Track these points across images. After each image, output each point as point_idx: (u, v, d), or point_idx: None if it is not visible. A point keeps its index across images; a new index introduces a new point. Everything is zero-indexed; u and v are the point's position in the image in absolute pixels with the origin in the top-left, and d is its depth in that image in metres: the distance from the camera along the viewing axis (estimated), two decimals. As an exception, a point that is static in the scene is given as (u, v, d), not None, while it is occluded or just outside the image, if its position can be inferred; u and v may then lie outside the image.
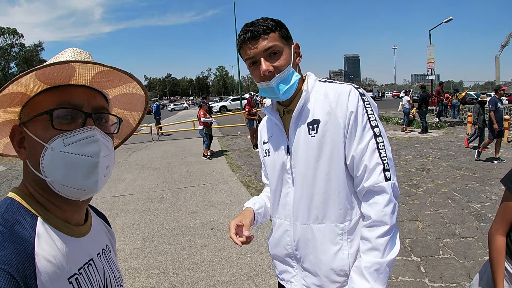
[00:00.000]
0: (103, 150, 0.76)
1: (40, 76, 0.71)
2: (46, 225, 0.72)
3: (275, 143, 1.42)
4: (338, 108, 1.24)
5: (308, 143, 1.27)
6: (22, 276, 0.61)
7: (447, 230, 4.50)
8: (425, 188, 6.43)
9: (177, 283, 3.55)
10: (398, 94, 61.11)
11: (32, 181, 0.76)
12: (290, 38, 1.30)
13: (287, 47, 1.26)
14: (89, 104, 0.78)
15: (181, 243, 4.54)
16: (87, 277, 0.77)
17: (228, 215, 5.44)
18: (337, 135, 1.23)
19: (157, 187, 7.47)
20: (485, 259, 3.72)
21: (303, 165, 1.29)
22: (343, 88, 1.28)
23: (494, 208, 5.18)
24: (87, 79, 0.78)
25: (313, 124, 1.27)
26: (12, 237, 0.64)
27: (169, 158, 10.45)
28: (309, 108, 1.29)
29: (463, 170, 7.61)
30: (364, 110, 1.23)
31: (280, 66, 1.23)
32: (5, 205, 0.71)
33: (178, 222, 5.33)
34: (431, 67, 22.97)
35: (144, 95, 0.93)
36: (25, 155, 0.77)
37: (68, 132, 0.72)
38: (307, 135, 1.27)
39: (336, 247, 1.26)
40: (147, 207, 6.01)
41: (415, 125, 15.87)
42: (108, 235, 1.01)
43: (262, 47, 1.21)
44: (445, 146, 10.69)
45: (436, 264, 3.69)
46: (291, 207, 1.35)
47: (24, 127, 0.75)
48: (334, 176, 1.25)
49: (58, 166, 0.71)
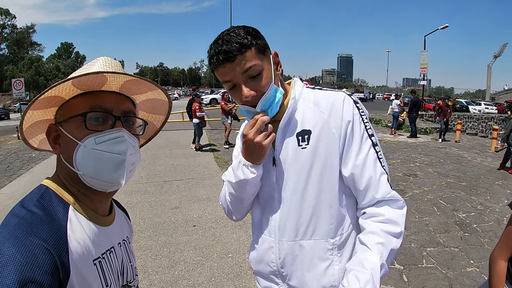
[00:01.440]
0: (129, 149, 0.86)
1: (76, 83, 0.80)
2: (76, 212, 0.82)
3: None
4: (332, 117, 1.15)
5: (298, 155, 1.17)
6: (58, 253, 0.70)
7: (431, 239, 4.48)
8: (411, 194, 6.42)
9: (156, 281, 3.45)
10: (389, 96, 61.61)
11: (64, 173, 0.86)
12: (267, 48, 1.17)
13: (266, 61, 1.13)
14: (118, 108, 0.87)
15: (162, 239, 4.43)
16: (108, 262, 0.87)
17: (212, 212, 5.36)
18: (331, 146, 1.15)
19: (142, 179, 7.33)
20: (468, 270, 3.74)
21: (292, 178, 1.19)
22: (335, 95, 1.19)
23: (479, 218, 5.19)
24: (117, 86, 0.88)
25: (303, 134, 1.17)
26: (48, 219, 0.74)
27: (155, 149, 10.32)
28: (297, 117, 1.20)
29: (450, 178, 7.64)
30: (360, 119, 1.16)
31: (262, 87, 1.11)
32: (41, 192, 0.81)
33: (161, 217, 5.22)
34: (423, 72, 23.18)
35: (168, 101, 1.04)
36: (59, 150, 0.86)
37: (99, 132, 0.82)
38: (297, 146, 1.17)
39: (326, 263, 1.18)
40: (130, 200, 5.90)
41: (404, 129, 15.96)
42: (128, 228, 1.11)
43: (240, 70, 1.08)
44: (433, 152, 10.75)
45: (419, 273, 3.65)
46: (276, 222, 1.23)
47: (60, 126, 0.85)
48: (326, 189, 1.16)
49: (89, 161, 0.81)
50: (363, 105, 1.22)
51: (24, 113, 0.83)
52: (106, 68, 0.87)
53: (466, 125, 21.23)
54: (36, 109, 0.84)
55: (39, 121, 0.90)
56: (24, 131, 0.89)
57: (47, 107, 0.86)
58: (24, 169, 8.69)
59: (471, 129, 20.59)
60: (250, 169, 1.17)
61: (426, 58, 23.00)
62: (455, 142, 13.21)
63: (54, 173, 0.90)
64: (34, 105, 0.81)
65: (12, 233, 0.68)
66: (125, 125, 0.88)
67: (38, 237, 0.69)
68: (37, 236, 0.69)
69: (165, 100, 1.04)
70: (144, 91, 0.97)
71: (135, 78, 0.88)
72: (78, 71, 0.88)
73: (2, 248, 0.65)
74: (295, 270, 1.22)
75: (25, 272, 0.63)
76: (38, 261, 0.66)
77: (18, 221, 0.71)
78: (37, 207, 0.76)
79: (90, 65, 0.90)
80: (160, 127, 1.13)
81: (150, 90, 0.98)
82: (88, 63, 0.92)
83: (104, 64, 0.88)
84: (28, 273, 0.63)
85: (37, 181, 4.60)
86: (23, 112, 0.83)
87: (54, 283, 0.67)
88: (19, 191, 6.64)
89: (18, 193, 6.47)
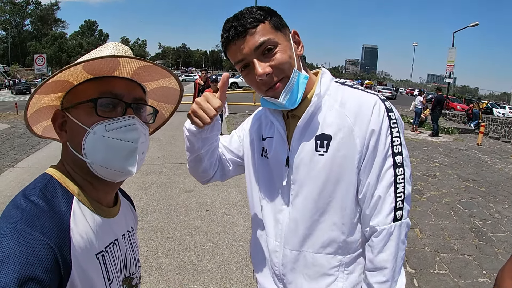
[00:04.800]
0: (141, 137, 0.83)
1: (87, 67, 0.76)
2: (80, 203, 0.79)
3: (273, 149, 1.19)
4: (357, 124, 1.02)
5: (313, 162, 1.07)
6: (59, 248, 0.68)
7: (445, 244, 4.39)
8: (429, 195, 6.29)
9: (165, 264, 3.49)
10: (412, 91, 60.37)
11: (70, 162, 0.83)
12: (285, 27, 1.06)
13: (283, 38, 1.02)
14: (130, 94, 0.84)
15: (174, 222, 4.48)
16: (111, 255, 0.84)
17: (225, 198, 5.37)
18: (351, 158, 1.03)
19: (158, 159, 7.40)
20: (480, 280, 3.65)
21: (305, 185, 1.09)
22: (366, 98, 1.05)
23: (496, 227, 5.05)
24: (129, 72, 0.84)
25: (323, 139, 1.06)
26: (51, 212, 0.72)
27: (173, 130, 10.26)
28: (319, 118, 1.07)
29: (469, 182, 7.44)
30: (389, 132, 1.02)
31: (279, 63, 1.00)
32: (45, 181, 0.78)
33: (174, 199, 5.26)
34: (450, 70, 22.52)
35: (180, 89, 1.01)
36: (66, 137, 0.83)
37: (110, 119, 0.79)
38: (314, 151, 1.06)
39: (330, 278, 1.11)
40: (145, 180, 5.94)
41: (425, 126, 15.62)
42: (133, 217, 1.08)
43: (252, 45, 0.98)
44: (453, 153, 10.49)
45: (430, 279, 3.59)
46: (284, 227, 1.15)
47: (67, 112, 0.81)
48: (340, 204, 1.06)
49: (99, 149, 0.78)
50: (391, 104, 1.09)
51: (30, 98, 0.79)
52: (117, 51, 0.84)
53: (488, 128, 20.65)
54: (42, 93, 0.81)
55: (44, 107, 0.87)
56: (29, 117, 0.84)
57: (54, 92, 0.83)
58: (42, 143, 8.88)
59: (493, 133, 19.99)
60: (186, 126, 1.15)
61: (453, 56, 22.30)
62: (477, 144, 12.86)
63: (59, 161, 0.87)
64: (41, 89, 0.78)
65: (13, 226, 0.66)
66: (136, 112, 0.85)
67: (39, 232, 0.67)
68: (39, 230, 0.67)
69: (176, 88, 1.00)
70: (156, 78, 0.94)
71: (149, 63, 0.84)
72: (88, 55, 0.85)
73: (1, 242, 0.63)
74: (296, 278, 1.16)
75: (25, 269, 0.61)
76: (39, 257, 0.64)
77: (20, 213, 0.69)
78: (40, 198, 0.73)
79: (100, 49, 0.87)
80: (168, 116, 1.10)
81: (163, 78, 0.95)
82: (98, 48, 0.89)
83: (114, 49, 0.85)
84: (29, 270, 0.61)
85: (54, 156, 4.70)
86: (29, 97, 0.79)
87: (54, 280, 0.66)
88: (36, 166, 6.83)
89: (35, 168, 6.67)
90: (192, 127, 1.13)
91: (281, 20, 1.05)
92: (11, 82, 36.08)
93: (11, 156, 7.58)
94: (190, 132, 1.15)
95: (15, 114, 14.02)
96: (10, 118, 13.23)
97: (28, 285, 0.60)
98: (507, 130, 21.22)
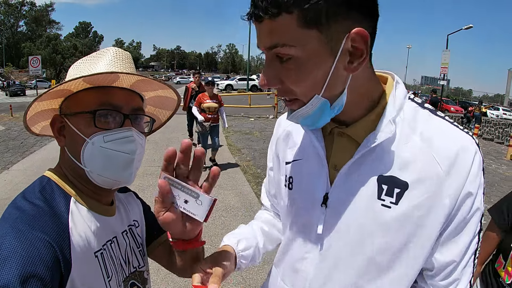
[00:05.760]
0: (138, 149, 0.84)
1: (87, 79, 0.78)
2: (78, 204, 0.81)
3: (303, 178, 0.88)
4: (451, 177, 0.71)
5: (372, 212, 0.75)
6: (60, 246, 0.70)
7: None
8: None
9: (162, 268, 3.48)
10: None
11: (68, 166, 0.84)
12: (340, 22, 0.63)
13: (317, 44, 0.64)
14: (128, 105, 0.84)
15: (171, 224, 4.46)
16: (109, 253, 0.85)
17: (222, 200, 5.38)
18: (432, 224, 0.72)
19: (154, 162, 7.39)
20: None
21: (350, 243, 0.79)
22: (464, 141, 0.73)
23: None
24: (128, 84, 0.85)
25: (392, 185, 0.73)
26: (50, 212, 0.74)
27: (170, 133, 10.29)
28: (389, 150, 0.74)
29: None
30: (483, 193, 0.75)
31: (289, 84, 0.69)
32: (43, 183, 0.80)
33: (171, 201, 5.24)
34: (444, 72, 22.73)
35: (177, 99, 1.01)
36: (64, 142, 0.84)
37: (108, 131, 0.80)
38: (375, 198, 0.74)
39: None
40: (142, 183, 5.96)
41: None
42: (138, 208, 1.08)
43: (265, 41, 0.68)
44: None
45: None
46: (306, 279, 0.86)
47: (66, 118, 0.83)
48: (397, 274, 0.77)
49: (98, 159, 0.79)
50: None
51: (30, 105, 0.81)
52: (116, 61, 0.85)
53: (482, 130, 20.83)
54: (42, 100, 0.82)
55: (43, 110, 0.87)
56: (27, 120, 0.86)
57: (53, 98, 0.84)
58: (37, 146, 8.86)
59: (487, 134, 20.17)
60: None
61: (447, 58, 22.47)
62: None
63: (56, 164, 0.88)
64: (41, 98, 0.80)
65: (14, 226, 0.68)
66: (133, 122, 0.86)
67: (40, 231, 0.69)
68: (39, 230, 0.69)
69: (174, 98, 1.01)
70: (155, 89, 0.95)
71: (148, 79, 0.86)
72: (86, 60, 0.87)
73: (3, 241, 0.65)
74: None
75: (27, 266, 0.62)
76: (40, 255, 0.65)
77: (20, 214, 0.71)
78: (39, 199, 0.75)
79: (99, 55, 0.87)
80: (165, 121, 1.10)
81: (161, 89, 0.96)
82: (98, 52, 0.89)
83: (115, 56, 0.85)
84: (30, 268, 0.63)
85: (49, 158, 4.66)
86: (29, 104, 0.81)
87: (55, 277, 0.67)
88: (31, 168, 6.80)
89: (30, 170, 6.64)
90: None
91: (337, 7, 0.62)
92: (5, 83, 35.80)
93: (6, 159, 7.54)
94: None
95: (10, 116, 13.93)
96: (4, 120, 13.14)
97: (30, 282, 0.61)
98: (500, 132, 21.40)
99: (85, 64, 0.86)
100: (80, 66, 0.87)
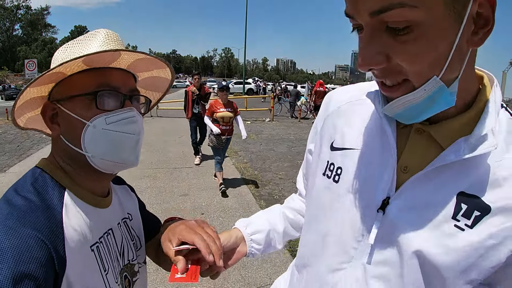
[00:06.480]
0: (142, 129, 0.84)
1: (87, 59, 0.74)
2: (73, 196, 0.78)
3: (362, 173, 0.73)
4: None
5: (441, 231, 0.62)
6: (53, 242, 0.66)
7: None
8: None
9: (160, 268, 3.49)
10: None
11: (63, 155, 0.81)
12: None
13: (441, 8, 0.50)
14: (126, 86, 0.82)
15: (170, 225, 4.48)
16: (106, 246, 0.83)
17: (220, 201, 5.42)
18: (500, 254, 0.58)
19: (151, 164, 7.39)
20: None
21: (406, 260, 0.64)
22: None
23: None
24: (126, 63, 0.83)
25: (473, 207, 0.60)
26: (43, 206, 0.70)
27: (166, 136, 10.22)
28: (482, 167, 0.61)
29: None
30: None
31: (406, 60, 0.54)
32: (35, 175, 0.77)
33: (169, 203, 5.28)
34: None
35: (171, 79, 0.98)
36: (59, 131, 0.80)
37: (109, 112, 0.77)
38: (449, 217, 0.61)
39: None
40: (139, 185, 5.95)
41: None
42: (133, 201, 1.07)
43: (368, 6, 0.52)
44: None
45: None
46: None
47: (59, 104, 0.78)
48: None
49: (100, 142, 0.76)
50: None
51: (22, 91, 0.75)
52: (109, 42, 0.82)
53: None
54: (35, 86, 0.77)
55: (31, 98, 0.82)
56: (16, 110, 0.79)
57: (45, 84, 0.79)
58: (34, 149, 8.81)
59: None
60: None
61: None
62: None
63: (49, 154, 0.85)
64: (37, 82, 0.74)
65: (4, 223, 0.64)
66: (132, 103, 0.83)
67: (32, 227, 0.65)
68: (31, 226, 0.65)
69: (168, 78, 0.98)
70: (150, 69, 0.92)
71: (150, 57, 0.84)
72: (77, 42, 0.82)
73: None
74: None
75: (20, 266, 0.59)
76: (32, 254, 0.62)
77: (11, 210, 0.67)
78: (30, 193, 0.72)
79: (90, 36, 0.83)
80: (154, 103, 1.06)
81: (157, 69, 0.93)
82: (87, 34, 0.85)
83: (107, 37, 0.82)
84: (23, 267, 0.60)
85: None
86: (22, 90, 0.75)
87: (50, 276, 0.64)
88: (30, 170, 6.73)
89: (29, 171, 6.57)
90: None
91: None
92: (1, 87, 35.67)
93: (3, 162, 7.51)
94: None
95: (6, 120, 13.87)
96: (0, 124, 13.09)
97: (23, 282, 0.59)
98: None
99: (76, 47, 0.81)
100: (70, 48, 0.82)
